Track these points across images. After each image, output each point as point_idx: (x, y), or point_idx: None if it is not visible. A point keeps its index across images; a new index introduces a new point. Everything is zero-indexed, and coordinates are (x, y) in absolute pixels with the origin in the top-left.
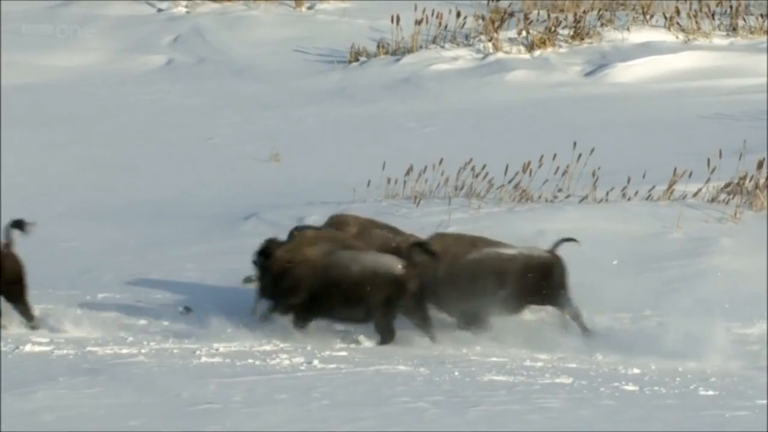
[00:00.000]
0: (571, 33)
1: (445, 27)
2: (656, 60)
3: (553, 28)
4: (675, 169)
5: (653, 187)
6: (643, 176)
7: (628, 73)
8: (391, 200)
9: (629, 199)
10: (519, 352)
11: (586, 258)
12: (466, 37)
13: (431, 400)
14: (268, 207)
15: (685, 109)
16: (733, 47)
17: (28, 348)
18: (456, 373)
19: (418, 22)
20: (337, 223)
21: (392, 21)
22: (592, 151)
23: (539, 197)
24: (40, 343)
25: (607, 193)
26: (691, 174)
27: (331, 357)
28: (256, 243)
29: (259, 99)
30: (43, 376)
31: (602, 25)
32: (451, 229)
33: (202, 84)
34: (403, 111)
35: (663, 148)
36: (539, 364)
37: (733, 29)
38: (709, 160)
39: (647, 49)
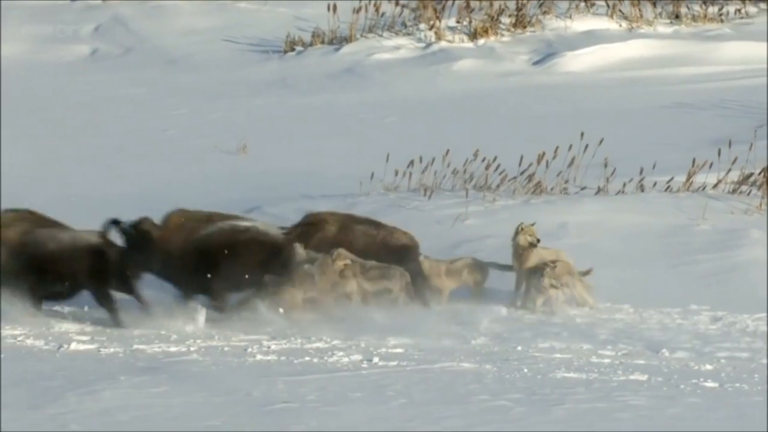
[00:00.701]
0: (513, 21)
1: (382, 15)
2: (604, 48)
3: (495, 17)
4: (694, 160)
5: (671, 179)
6: (651, 167)
7: (577, 62)
8: (398, 193)
9: (643, 191)
10: (580, 348)
11: (615, 251)
12: (405, 25)
13: (511, 398)
14: (270, 200)
15: (642, 98)
16: (678, 35)
17: (73, 346)
18: (525, 371)
19: (356, 11)
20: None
21: (329, 9)
22: (601, 141)
23: (552, 189)
24: (83, 341)
25: (624, 185)
26: (712, 164)
27: (388, 354)
28: None
29: (200, 90)
30: (102, 375)
31: (544, 13)
32: (468, 222)
33: (133, 74)
34: (352, 101)
35: (637, 139)
36: (606, 360)
37: (676, 16)
38: (719, 150)
39: (592, 38)
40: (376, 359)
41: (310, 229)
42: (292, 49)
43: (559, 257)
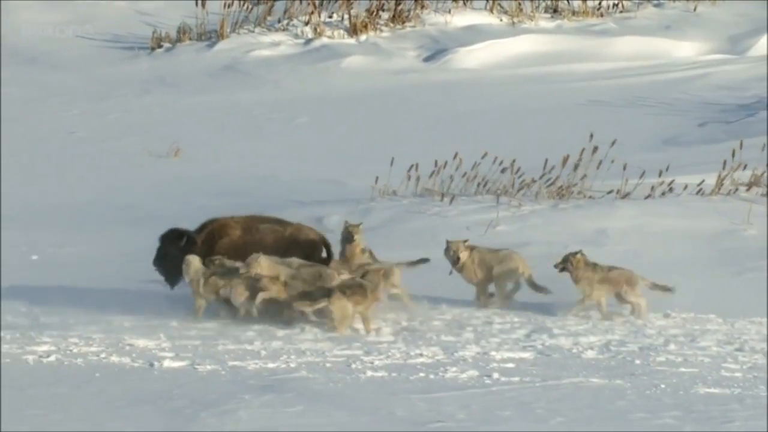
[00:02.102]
0: (391, 16)
1: (250, 10)
2: (495, 44)
3: (375, 12)
4: (725, 162)
5: (702, 181)
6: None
7: (470, 58)
8: (411, 198)
9: (662, 194)
10: (701, 361)
11: (667, 258)
12: (279, 20)
13: (672, 416)
14: (279, 206)
15: (553, 95)
16: (563, 30)
17: (167, 364)
18: (663, 386)
19: (228, 6)
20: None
21: (196, 4)
22: (614, 143)
23: (578, 193)
24: (170, 357)
25: (652, 189)
26: (746, 165)
27: (504, 369)
28: None
29: (77, 89)
30: (223, 395)
31: (422, 8)
32: (500, 229)
33: None
34: (249, 101)
35: (579, 139)
36: (737, 374)
37: (554, 11)
38: (733, 151)
39: (475, 33)
40: (495, 375)
41: (213, 235)
42: (159, 46)
43: (511, 258)
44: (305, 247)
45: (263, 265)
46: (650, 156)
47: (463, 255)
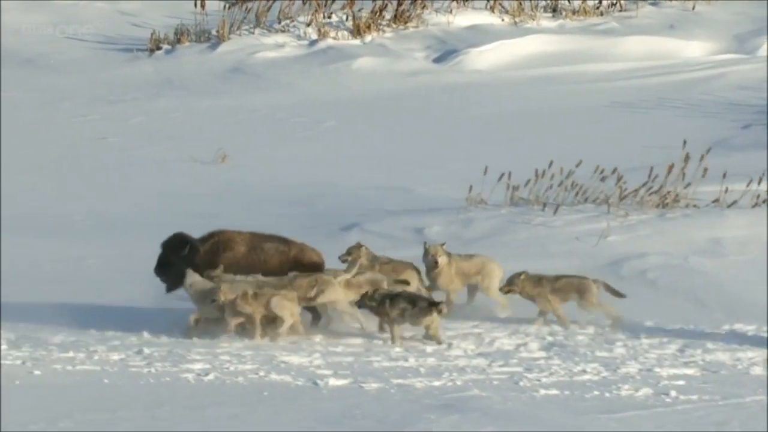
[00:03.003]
0: (393, 17)
1: (248, 11)
2: (503, 45)
3: (379, 12)
4: None
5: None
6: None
7: (480, 59)
8: (510, 208)
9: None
10: None
11: None
12: (279, 21)
13: None
14: (370, 216)
15: (571, 97)
16: (566, 30)
17: (332, 382)
18: None
19: (228, 7)
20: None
21: (195, 6)
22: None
23: (681, 201)
24: (331, 376)
25: (758, 197)
26: None
27: (678, 387)
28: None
29: (85, 92)
30: (406, 415)
31: (423, 8)
32: (611, 239)
33: None
34: (265, 103)
35: (613, 142)
36: None
37: (554, 10)
38: None
39: (479, 33)
40: (673, 393)
41: (218, 247)
42: (158, 48)
43: (486, 266)
44: (308, 269)
45: (225, 290)
46: (711, 161)
47: (442, 259)
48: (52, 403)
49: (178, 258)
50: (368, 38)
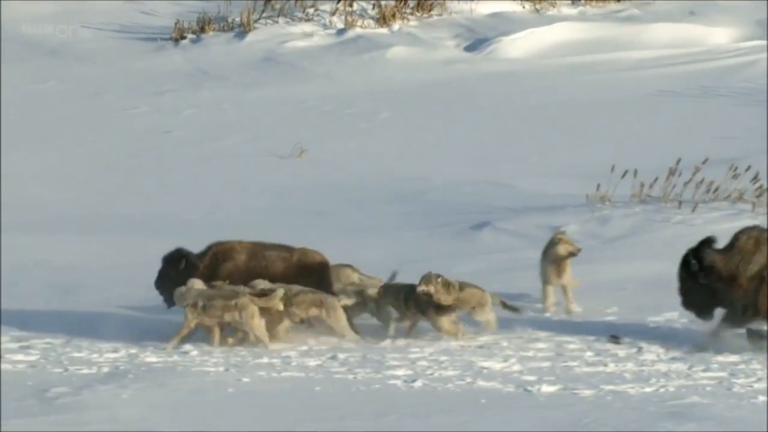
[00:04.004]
0: (416, 5)
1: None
2: (532, 33)
3: (403, 1)
4: None
5: None
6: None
7: (513, 48)
8: (644, 206)
9: None
10: None
11: None
12: (304, 10)
13: None
14: (498, 214)
15: (612, 86)
16: (588, 17)
17: (544, 389)
18: None
19: None
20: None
21: None
22: None
23: None
24: (535, 382)
25: None
26: None
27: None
28: (506, 257)
29: (121, 83)
30: (638, 423)
31: None
32: None
33: (19, 67)
34: (309, 94)
35: (678, 132)
36: None
37: None
38: None
39: (504, 21)
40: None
41: (218, 258)
42: (183, 37)
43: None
44: (314, 270)
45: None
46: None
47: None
48: (278, 412)
49: (176, 272)
50: (395, 27)
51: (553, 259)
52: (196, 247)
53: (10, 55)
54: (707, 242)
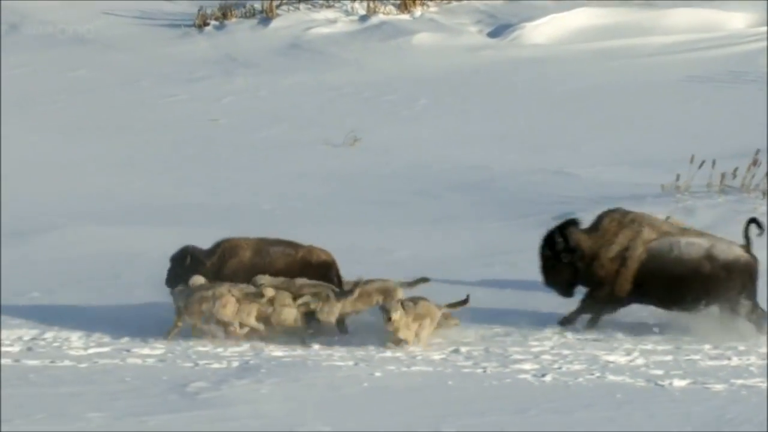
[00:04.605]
0: None
1: None
2: (555, 19)
3: None
4: None
5: None
6: None
7: (536, 33)
8: (727, 196)
9: None
10: None
11: None
12: None
13: None
14: (577, 205)
15: (641, 71)
16: (606, 2)
17: (676, 383)
18: None
19: None
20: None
21: None
22: None
23: None
24: (660, 375)
25: None
26: None
27: None
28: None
29: (154, 70)
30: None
31: None
32: None
33: (45, 55)
34: (342, 81)
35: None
36: None
37: None
38: None
39: (523, 6)
40: None
41: (224, 255)
42: (206, 23)
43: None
44: (318, 268)
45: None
46: None
47: None
48: (416, 407)
49: (183, 270)
50: (417, 13)
51: None
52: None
53: (33, 42)
54: (572, 222)
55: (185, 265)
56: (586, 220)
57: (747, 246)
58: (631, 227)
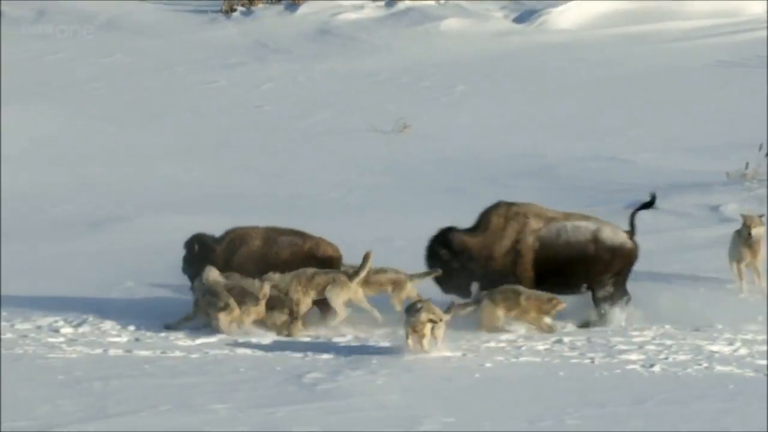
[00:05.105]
0: None
1: None
2: (579, 4)
3: None
4: None
5: None
6: None
7: (563, 19)
8: None
9: None
10: None
11: None
12: None
13: None
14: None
15: (668, 56)
16: None
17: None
18: None
19: None
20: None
21: None
22: None
23: None
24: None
25: None
26: None
27: None
28: (673, 237)
29: (188, 56)
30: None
31: None
32: None
33: (76, 40)
34: (376, 67)
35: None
36: None
37: None
38: None
39: None
40: None
41: (234, 243)
42: (233, 9)
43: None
44: (322, 262)
45: None
46: None
47: (757, 231)
48: (535, 398)
49: (193, 257)
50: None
51: (747, 238)
52: (368, 228)
53: (64, 28)
54: (448, 229)
55: (194, 252)
56: (661, 208)
57: (631, 232)
58: (517, 219)
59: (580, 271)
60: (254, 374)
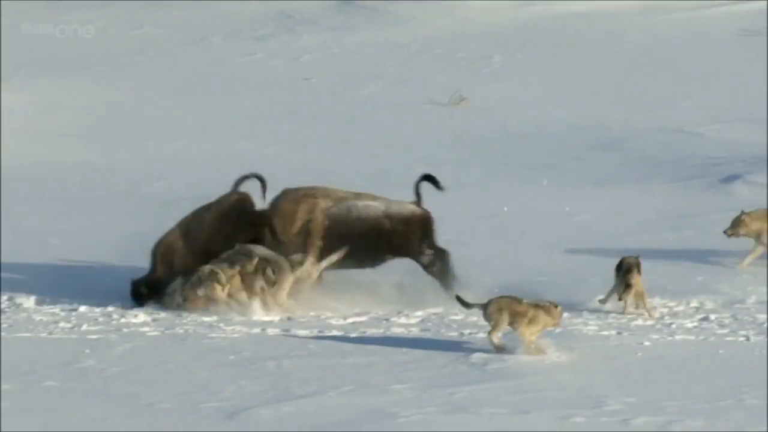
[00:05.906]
0: None
1: None
2: None
3: None
4: None
5: None
6: None
7: None
8: None
9: None
10: None
11: None
12: None
13: None
14: (745, 168)
15: (687, 27)
16: None
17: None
18: None
19: None
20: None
21: None
22: None
23: None
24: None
25: None
26: None
27: None
28: None
29: (218, 27)
30: None
31: None
32: None
33: (101, 12)
34: (408, 39)
35: None
36: None
37: None
38: None
39: None
40: None
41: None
42: None
43: None
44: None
45: None
46: None
47: None
48: (707, 377)
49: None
50: None
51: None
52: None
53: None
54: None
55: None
56: (754, 182)
57: (418, 202)
58: (306, 201)
59: (382, 244)
60: (419, 354)
